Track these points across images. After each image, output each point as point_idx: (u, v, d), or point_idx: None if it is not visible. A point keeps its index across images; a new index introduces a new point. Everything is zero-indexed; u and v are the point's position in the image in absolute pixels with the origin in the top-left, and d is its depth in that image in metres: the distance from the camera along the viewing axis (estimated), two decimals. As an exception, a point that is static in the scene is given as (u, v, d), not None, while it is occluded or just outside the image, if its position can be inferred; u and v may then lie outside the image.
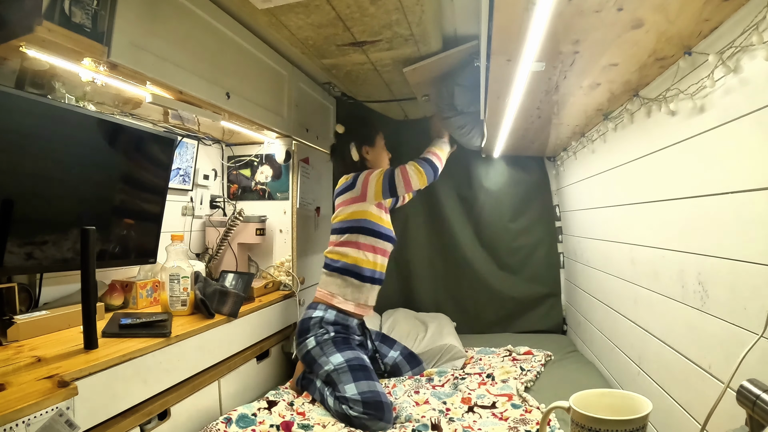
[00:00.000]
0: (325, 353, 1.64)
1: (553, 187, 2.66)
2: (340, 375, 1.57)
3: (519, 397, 1.60)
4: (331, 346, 1.66)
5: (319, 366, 1.63)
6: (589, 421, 0.87)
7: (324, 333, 1.69)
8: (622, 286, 1.64)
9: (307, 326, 1.72)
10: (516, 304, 2.60)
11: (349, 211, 1.80)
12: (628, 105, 1.46)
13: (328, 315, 1.73)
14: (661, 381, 1.31)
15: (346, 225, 1.80)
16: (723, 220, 0.97)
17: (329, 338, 1.68)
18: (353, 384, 1.53)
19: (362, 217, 1.79)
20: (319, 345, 1.66)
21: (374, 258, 1.80)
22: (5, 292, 1.20)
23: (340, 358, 1.62)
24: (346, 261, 1.77)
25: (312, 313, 1.74)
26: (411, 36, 1.65)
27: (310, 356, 1.66)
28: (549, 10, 0.82)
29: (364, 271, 1.77)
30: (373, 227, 1.80)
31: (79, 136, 1.32)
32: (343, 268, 1.77)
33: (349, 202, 1.81)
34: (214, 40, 1.50)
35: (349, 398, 1.49)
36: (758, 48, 0.82)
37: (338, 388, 1.54)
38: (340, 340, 1.69)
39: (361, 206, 1.79)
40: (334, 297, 1.76)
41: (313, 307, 1.77)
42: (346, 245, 1.79)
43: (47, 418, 0.87)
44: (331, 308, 1.75)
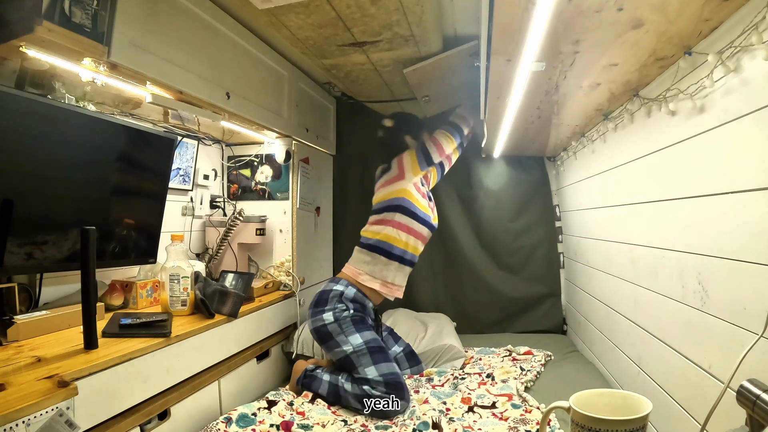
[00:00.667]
0: (344, 332, 1.65)
1: (553, 187, 2.66)
2: (360, 357, 1.60)
3: (519, 397, 1.60)
4: (350, 325, 1.66)
5: (336, 344, 1.64)
6: (589, 421, 0.87)
7: (344, 309, 1.69)
8: (622, 286, 1.64)
9: (325, 298, 1.72)
10: (516, 304, 2.59)
11: (388, 191, 1.84)
12: (628, 105, 1.46)
13: (348, 291, 1.74)
14: (661, 381, 1.31)
15: (384, 204, 1.84)
16: (723, 220, 0.97)
17: (348, 316, 1.67)
18: (374, 366, 1.57)
19: (401, 196, 1.82)
20: (337, 321, 1.66)
21: (407, 239, 1.82)
22: (5, 292, 1.20)
23: (359, 339, 1.63)
24: (378, 238, 1.80)
25: (333, 286, 1.75)
26: (411, 36, 1.65)
27: (326, 330, 1.66)
28: (549, 10, 0.82)
29: (394, 249, 1.80)
30: (410, 207, 1.82)
31: (79, 136, 1.32)
32: (374, 245, 1.80)
33: (387, 183, 1.86)
34: (214, 40, 1.50)
35: (371, 380, 1.54)
36: (758, 48, 0.82)
37: (357, 370, 1.58)
38: (358, 319, 1.69)
39: (400, 184, 1.83)
40: (361, 274, 1.78)
41: (334, 281, 1.78)
42: (382, 223, 1.82)
43: (47, 418, 0.87)
44: (353, 285, 1.76)
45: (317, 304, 1.72)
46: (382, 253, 1.80)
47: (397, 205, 1.82)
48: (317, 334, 1.69)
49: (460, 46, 1.72)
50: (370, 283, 1.78)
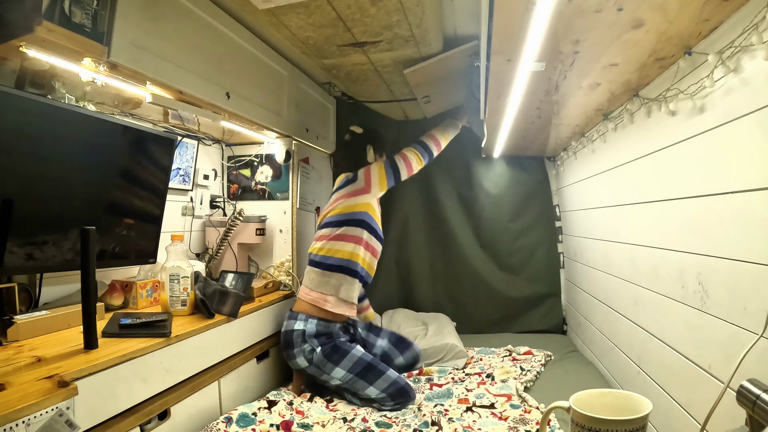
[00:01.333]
0: (324, 371, 1.61)
1: (553, 187, 2.66)
2: (354, 384, 1.58)
3: (519, 397, 1.60)
4: (327, 363, 1.61)
5: (324, 381, 1.64)
6: (589, 421, 0.87)
7: (311, 350, 1.62)
8: (622, 286, 1.64)
9: (289, 339, 1.66)
10: (516, 304, 2.60)
11: (350, 203, 1.74)
12: (628, 105, 1.46)
13: (309, 327, 1.65)
14: (661, 381, 1.31)
15: (344, 217, 1.73)
16: (723, 220, 0.97)
17: (320, 354, 1.61)
18: (372, 387, 1.56)
19: (364, 210, 1.73)
20: (312, 364, 1.62)
21: (364, 255, 1.75)
22: (5, 292, 1.20)
23: (341, 372, 1.60)
24: (341, 257, 1.70)
25: (293, 325, 1.67)
26: (411, 37, 1.65)
27: (308, 374, 1.66)
28: (549, 10, 0.82)
29: (358, 267, 1.72)
30: (372, 224, 1.76)
31: (79, 136, 1.32)
32: (338, 265, 1.69)
33: (350, 195, 1.76)
34: (214, 40, 1.50)
35: (376, 399, 1.54)
36: (758, 48, 0.82)
37: (359, 394, 1.58)
38: (331, 351, 1.62)
39: (365, 198, 1.75)
40: (327, 301, 1.67)
41: (293, 317, 1.68)
42: (343, 239, 1.71)
43: (47, 418, 0.87)
44: (311, 317, 1.66)
45: (286, 346, 1.67)
46: (348, 272, 1.69)
47: (360, 220, 1.72)
48: (305, 375, 1.68)
49: (460, 47, 1.72)
50: (337, 308, 1.68)
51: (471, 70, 1.81)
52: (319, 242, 1.75)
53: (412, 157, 1.83)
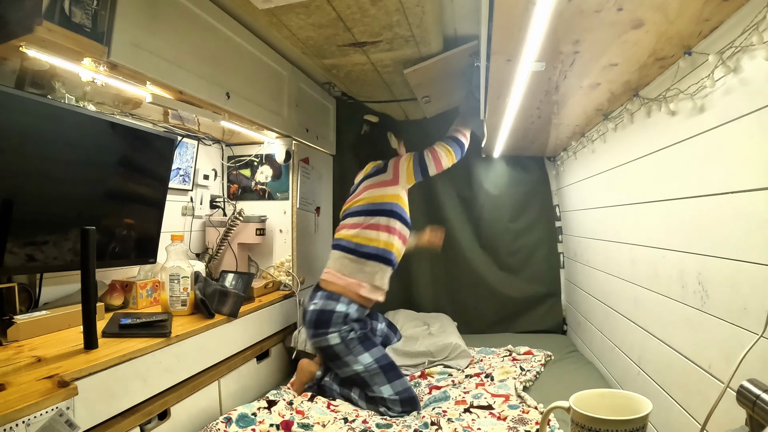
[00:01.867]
0: (352, 352, 1.62)
1: (553, 187, 2.66)
2: (373, 376, 1.59)
3: (517, 397, 1.60)
4: (358, 345, 1.63)
5: (345, 363, 1.62)
6: (589, 421, 0.87)
7: (349, 330, 1.64)
8: (622, 286, 1.64)
9: (328, 319, 1.64)
10: (516, 304, 2.59)
11: (380, 194, 1.77)
12: (628, 105, 1.46)
13: (352, 311, 1.67)
14: (661, 381, 1.31)
15: (375, 207, 1.75)
16: (723, 220, 0.97)
17: (355, 337, 1.64)
18: (388, 385, 1.58)
19: (394, 201, 1.76)
20: (344, 342, 1.63)
21: (399, 244, 1.78)
22: (5, 292, 1.20)
23: (369, 359, 1.62)
24: (377, 246, 1.72)
25: (335, 307, 1.65)
26: (411, 37, 1.65)
27: (333, 351, 1.63)
28: (549, 10, 0.82)
29: (392, 256, 1.75)
30: (402, 214, 1.79)
31: (79, 136, 1.32)
32: (374, 254, 1.72)
33: (379, 185, 1.79)
34: (214, 40, 1.50)
35: (387, 399, 1.56)
36: (758, 48, 0.82)
37: (372, 389, 1.58)
38: (364, 337, 1.66)
39: (394, 190, 1.77)
40: (362, 286, 1.69)
41: (334, 298, 1.67)
42: (377, 229, 1.73)
43: (47, 418, 0.87)
44: (353, 302, 1.68)
45: (318, 324, 1.64)
46: (383, 261, 1.73)
47: (391, 211, 1.75)
48: (324, 354, 1.67)
49: (460, 47, 1.72)
50: (371, 294, 1.71)
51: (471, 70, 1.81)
52: (352, 230, 1.76)
53: (442, 153, 1.80)
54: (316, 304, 1.68)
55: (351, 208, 1.82)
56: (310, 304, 1.70)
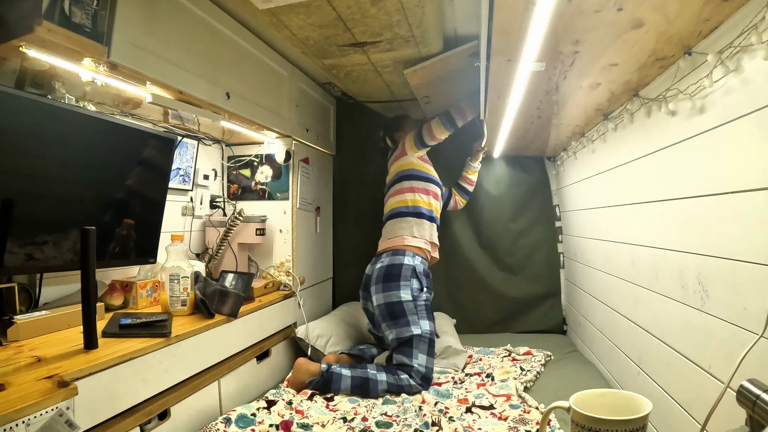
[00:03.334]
0: (418, 314, 1.78)
1: (553, 187, 2.66)
2: (421, 343, 1.74)
3: (518, 397, 1.60)
4: (424, 310, 1.80)
5: (407, 322, 1.75)
6: (589, 421, 0.87)
7: (419, 288, 1.82)
8: (622, 286, 1.64)
9: (397, 272, 1.81)
10: (516, 304, 2.59)
11: (397, 166, 2.10)
12: (628, 105, 1.46)
13: (418, 263, 1.87)
14: (661, 381, 1.31)
15: (396, 177, 2.08)
16: (723, 220, 0.97)
17: (424, 300, 1.81)
18: (426, 357, 1.72)
19: (409, 167, 2.07)
20: (414, 301, 1.77)
21: (428, 199, 2.04)
22: (5, 292, 1.20)
23: (428, 327, 1.78)
24: (407, 204, 2.01)
25: (402, 260, 1.84)
26: (412, 37, 1.65)
27: (401, 307, 1.76)
28: (549, 10, 0.82)
29: (422, 210, 2.00)
30: (421, 174, 2.06)
31: (79, 136, 1.32)
32: (405, 211, 1.99)
33: (395, 159, 2.13)
34: (214, 40, 1.50)
35: (414, 367, 1.69)
36: (758, 48, 0.82)
37: (411, 352, 1.70)
38: (430, 306, 1.85)
39: (405, 159, 2.09)
40: (407, 238, 1.92)
41: (399, 253, 1.88)
42: (403, 192, 2.03)
43: (47, 418, 0.87)
44: (416, 255, 1.90)
45: (388, 278, 1.81)
46: (414, 215, 1.98)
47: (408, 175, 2.05)
48: (388, 309, 1.78)
49: (460, 47, 1.72)
50: (419, 244, 1.93)
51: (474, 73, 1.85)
52: (387, 202, 2.10)
53: (433, 125, 2.03)
54: (383, 262, 1.89)
55: (386, 187, 2.16)
56: (377, 263, 1.92)
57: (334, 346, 1.99)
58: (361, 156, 2.64)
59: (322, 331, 2.01)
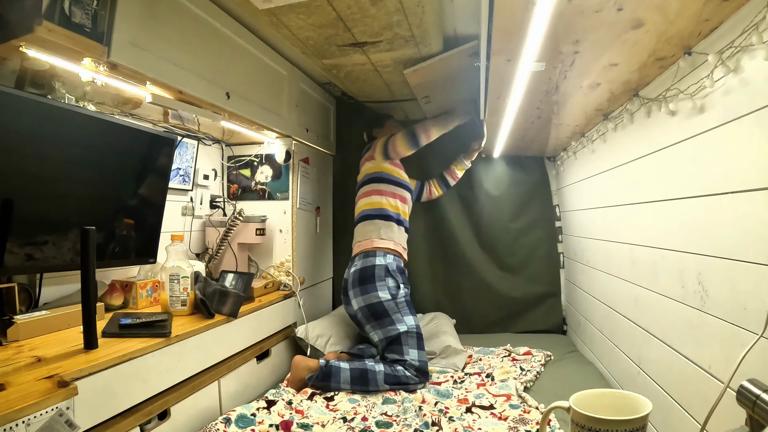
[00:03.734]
0: (400, 311, 1.81)
1: (553, 187, 2.66)
2: (409, 338, 1.77)
3: (518, 397, 1.60)
4: (405, 306, 1.83)
5: (391, 321, 1.77)
6: (589, 421, 0.87)
7: (396, 286, 1.84)
8: (622, 286, 1.64)
9: (372, 273, 1.83)
10: (516, 304, 2.59)
11: (366, 168, 2.10)
12: (628, 105, 1.46)
13: (390, 261, 1.88)
14: (661, 381, 1.31)
15: (366, 178, 2.08)
16: (723, 220, 0.97)
17: (403, 296, 1.84)
18: (416, 351, 1.76)
19: (377, 170, 2.06)
20: (394, 300, 1.81)
21: (395, 202, 2.03)
22: (5, 292, 1.20)
23: (412, 321, 1.81)
24: (374, 207, 2.01)
25: (374, 261, 1.86)
26: (412, 37, 1.65)
27: (382, 308, 1.79)
28: (549, 10, 0.83)
29: (389, 212, 2.00)
30: (389, 177, 2.05)
31: (79, 136, 1.32)
32: (373, 213, 2.00)
33: (366, 159, 2.13)
34: (214, 40, 1.50)
35: (407, 362, 1.71)
36: (758, 48, 0.82)
37: (402, 349, 1.72)
38: (409, 301, 1.88)
39: (374, 163, 2.08)
40: (380, 240, 1.93)
41: (370, 255, 1.89)
42: (370, 194, 2.03)
43: (47, 418, 0.87)
44: (387, 253, 1.91)
45: (363, 280, 1.83)
46: (382, 218, 1.98)
47: (376, 177, 2.05)
48: (370, 310, 1.80)
49: (461, 47, 1.72)
50: (388, 245, 1.93)
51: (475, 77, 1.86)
52: (356, 205, 2.11)
53: (398, 140, 2.04)
54: (356, 266, 1.91)
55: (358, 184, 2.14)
56: (351, 268, 1.93)
57: (334, 345, 1.99)
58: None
59: (321, 331, 2.01)
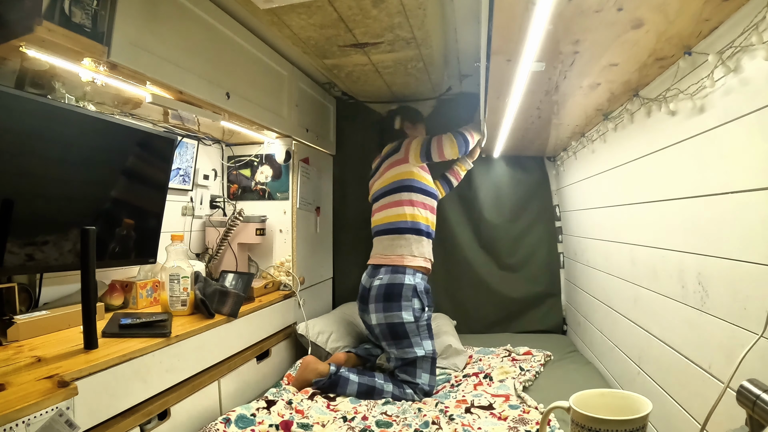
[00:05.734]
0: (421, 335, 1.73)
1: (553, 187, 2.65)
2: (424, 363, 1.71)
3: (517, 397, 1.60)
4: (426, 330, 1.75)
5: (410, 344, 1.71)
6: (589, 421, 0.87)
7: (420, 309, 1.74)
8: (622, 286, 1.64)
9: (399, 292, 1.73)
10: (516, 304, 2.59)
11: (396, 173, 1.91)
12: (628, 105, 1.46)
13: (419, 282, 1.77)
14: (661, 381, 1.31)
15: (395, 185, 1.89)
16: (723, 220, 0.97)
17: (426, 320, 1.75)
18: (429, 375, 1.71)
19: (409, 177, 1.89)
20: (416, 322, 1.72)
21: (426, 214, 1.90)
22: (5, 292, 1.20)
23: (431, 346, 1.74)
24: (406, 219, 1.85)
25: (404, 279, 1.75)
26: (413, 39, 1.65)
27: (403, 329, 1.71)
28: (549, 10, 0.82)
29: (421, 226, 1.87)
30: (419, 185, 1.90)
31: (79, 136, 1.32)
32: (404, 227, 1.85)
33: (393, 164, 1.92)
34: (214, 40, 1.50)
35: (419, 385, 1.68)
36: (758, 48, 0.82)
37: (415, 372, 1.68)
38: (431, 326, 1.81)
39: (406, 167, 1.90)
40: (412, 257, 1.81)
41: (400, 271, 1.77)
42: (402, 204, 1.87)
43: (47, 418, 0.87)
44: (417, 272, 1.80)
45: (389, 297, 1.73)
46: (415, 233, 1.85)
47: (409, 186, 1.87)
48: (390, 330, 1.72)
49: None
50: (419, 262, 1.82)
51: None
52: (382, 213, 1.91)
53: (446, 142, 1.87)
54: (381, 279, 1.78)
55: (376, 191, 1.96)
56: (375, 280, 1.80)
57: (335, 342, 1.99)
58: (361, 156, 2.64)
59: (323, 328, 2.01)
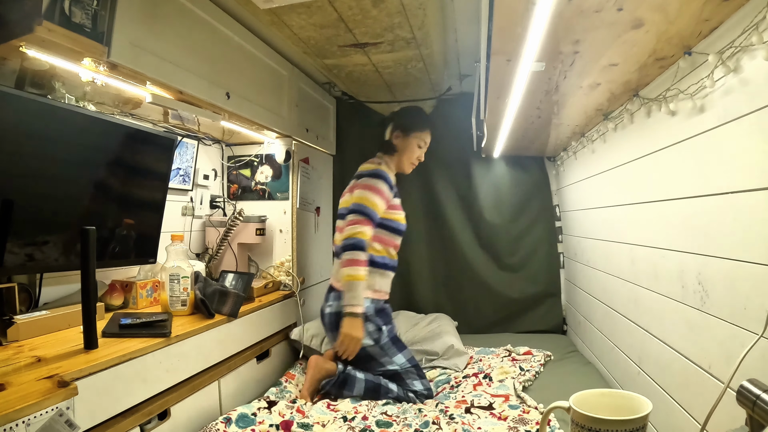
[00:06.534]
0: (388, 352, 1.71)
1: (553, 187, 2.65)
2: (407, 374, 1.72)
3: (517, 397, 1.60)
4: (392, 347, 1.72)
5: (381, 365, 1.70)
6: (589, 421, 0.87)
7: (376, 329, 1.69)
8: (622, 286, 1.64)
9: None
10: (516, 304, 2.59)
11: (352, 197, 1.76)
12: (628, 105, 1.46)
13: (368, 306, 1.67)
14: (661, 381, 1.31)
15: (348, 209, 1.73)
16: (723, 220, 0.97)
17: (387, 337, 1.72)
18: (419, 381, 1.72)
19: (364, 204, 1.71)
20: (377, 344, 1.70)
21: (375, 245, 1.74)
22: (5, 292, 1.20)
23: (402, 359, 1.72)
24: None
25: None
26: (413, 39, 1.65)
27: (366, 353, 1.69)
28: (549, 10, 0.82)
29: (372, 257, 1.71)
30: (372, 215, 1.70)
31: (79, 136, 1.32)
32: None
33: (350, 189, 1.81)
34: (214, 40, 1.50)
35: (418, 392, 1.69)
36: (758, 48, 0.82)
37: (406, 383, 1.70)
38: (395, 338, 1.76)
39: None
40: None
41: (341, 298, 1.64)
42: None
43: (47, 418, 0.87)
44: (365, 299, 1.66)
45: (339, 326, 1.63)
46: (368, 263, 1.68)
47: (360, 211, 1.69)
48: (356, 357, 1.66)
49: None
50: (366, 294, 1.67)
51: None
52: (337, 233, 1.82)
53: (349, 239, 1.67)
54: (331, 306, 1.74)
55: (340, 209, 1.82)
56: (326, 306, 1.76)
57: (328, 344, 1.99)
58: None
59: (316, 331, 2.01)
